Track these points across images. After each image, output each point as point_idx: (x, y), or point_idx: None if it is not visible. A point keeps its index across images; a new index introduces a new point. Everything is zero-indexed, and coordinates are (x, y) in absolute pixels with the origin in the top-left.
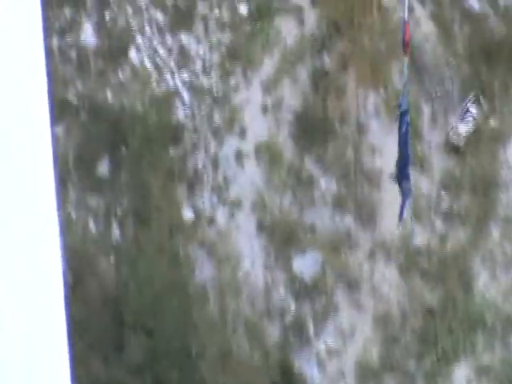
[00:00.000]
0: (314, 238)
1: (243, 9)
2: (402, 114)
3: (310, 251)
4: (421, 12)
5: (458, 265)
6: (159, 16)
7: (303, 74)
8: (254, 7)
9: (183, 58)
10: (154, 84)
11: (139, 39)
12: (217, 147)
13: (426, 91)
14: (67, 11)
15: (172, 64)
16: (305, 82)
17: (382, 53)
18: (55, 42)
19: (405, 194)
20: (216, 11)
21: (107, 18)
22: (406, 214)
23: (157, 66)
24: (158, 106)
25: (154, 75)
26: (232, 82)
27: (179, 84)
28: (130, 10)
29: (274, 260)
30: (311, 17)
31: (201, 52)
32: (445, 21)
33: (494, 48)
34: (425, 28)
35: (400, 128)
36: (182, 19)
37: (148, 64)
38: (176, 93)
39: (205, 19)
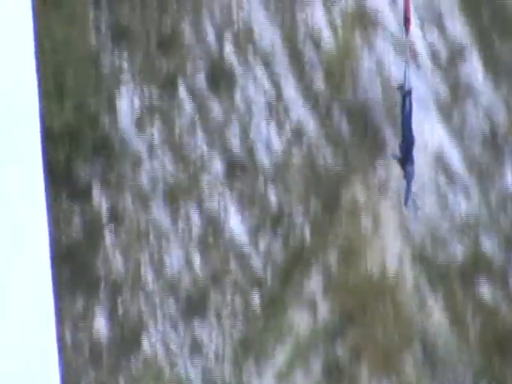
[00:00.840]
0: None
1: (256, 299)
2: (405, 96)
3: None
4: (433, 303)
5: None
6: (171, 304)
7: (316, 364)
8: (267, 300)
9: (195, 347)
10: (167, 375)
11: (152, 328)
12: None
13: (439, 382)
14: (80, 301)
15: (184, 353)
16: (317, 372)
17: (395, 342)
18: (68, 334)
19: (409, 176)
20: (228, 300)
21: (120, 307)
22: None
23: (169, 356)
24: None
25: (167, 366)
26: (244, 373)
27: (192, 374)
28: (141, 299)
29: None
30: (324, 306)
31: (213, 341)
32: (457, 312)
33: (506, 339)
34: (437, 319)
35: (403, 110)
36: (194, 307)
37: (160, 354)
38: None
39: (217, 308)
